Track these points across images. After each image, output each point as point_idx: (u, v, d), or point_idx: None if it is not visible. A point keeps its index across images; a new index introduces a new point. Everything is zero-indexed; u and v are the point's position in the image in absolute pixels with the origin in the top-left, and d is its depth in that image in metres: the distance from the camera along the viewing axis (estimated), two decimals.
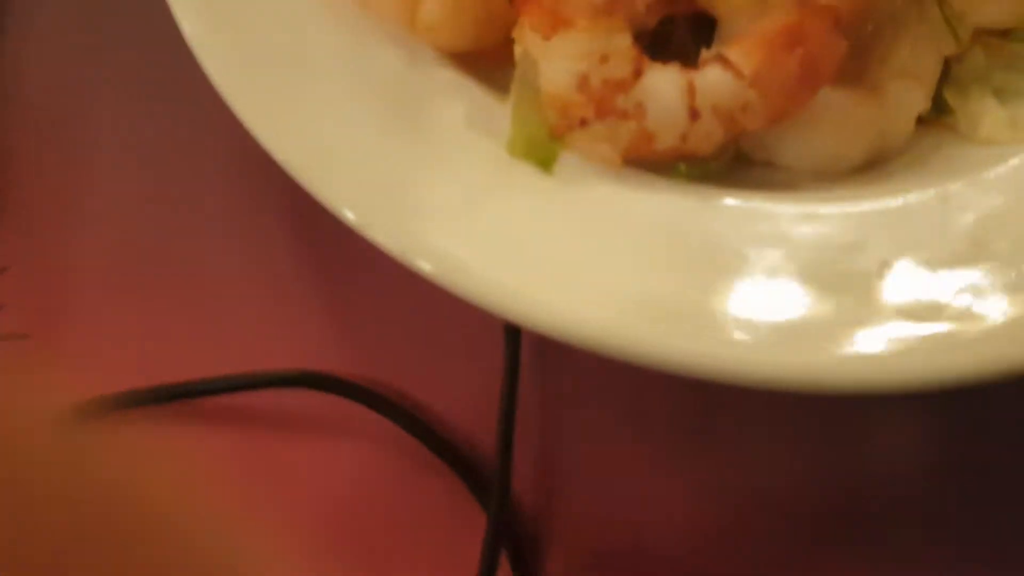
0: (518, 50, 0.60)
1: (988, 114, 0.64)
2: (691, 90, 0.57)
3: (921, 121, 0.65)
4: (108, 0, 0.72)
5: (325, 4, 0.62)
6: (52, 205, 0.66)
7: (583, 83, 0.57)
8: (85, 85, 0.70)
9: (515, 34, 0.60)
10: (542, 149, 0.59)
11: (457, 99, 0.60)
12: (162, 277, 0.64)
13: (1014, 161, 0.59)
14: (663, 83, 0.57)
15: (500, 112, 0.60)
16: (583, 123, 0.58)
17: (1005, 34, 0.67)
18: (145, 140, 0.68)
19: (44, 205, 0.66)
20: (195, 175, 0.66)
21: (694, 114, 0.57)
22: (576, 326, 0.52)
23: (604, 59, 0.57)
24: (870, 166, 0.63)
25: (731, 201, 0.58)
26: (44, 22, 0.71)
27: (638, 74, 0.58)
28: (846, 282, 0.54)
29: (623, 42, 0.57)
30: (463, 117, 0.60)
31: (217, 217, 0.65)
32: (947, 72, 0.66)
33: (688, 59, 0.62)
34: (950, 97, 0.66)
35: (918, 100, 0.64)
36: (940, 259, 0.55)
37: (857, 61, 0.63)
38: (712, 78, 0.57)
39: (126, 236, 0.66)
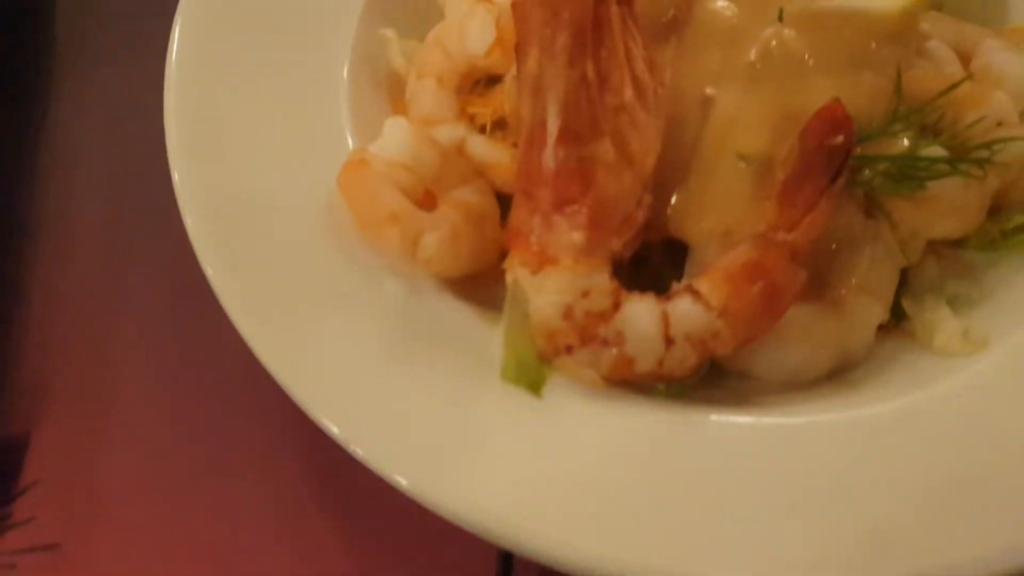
0: (509, 277, 0.66)
1: (942, 325, 0.69)
2: (665, 320, 0.63)
3: (882, 327, 0.71)
4: (133, 241, 0.79)
5: (335, 241, 0.68)
6: (80, 425, 0.73)
7: (568, 314, 0.63)
8: (113, 315, 0.77)
9: (506, 265, 0.66)
10: (532, 372, 0.64)
11: (454, 326, 0.66)
12: (183, 494, 0.69)
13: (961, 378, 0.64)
14: (640, 314, 0.63)
15: (492, 336, 0.66)
16: (569, 349, 0.64)
17: (958, 243, 0.74)
18: (168, 366, 0.74)
19: (73, 425, 0.73)
20: (214, 398, 0.72)
21: (669, 341, 0.63)
22: (562, 552, 0.56)
23: (586, 293, 0.63)
24: (835, 374, 0.69)
25: (705, 418, 0.63)
26: (74, 250, 0.79)
27: (617, 306, 0.63)
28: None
29: (603, 278, 0.64)
30: (459, 344, 0.65)
31: (234, 439, 0.71)
32: (904, 282, 0.72)
33: (663, 279, 0.69)
34: (907, 306, 0.71)
35: (877, 313, 0.69)
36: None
37: (819, 279, 0.69)
38: (684, 309, 0.63)
39: (149, 454, 0.71)
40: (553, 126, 0.63)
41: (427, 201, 0.69)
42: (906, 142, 0.69)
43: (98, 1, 0.94)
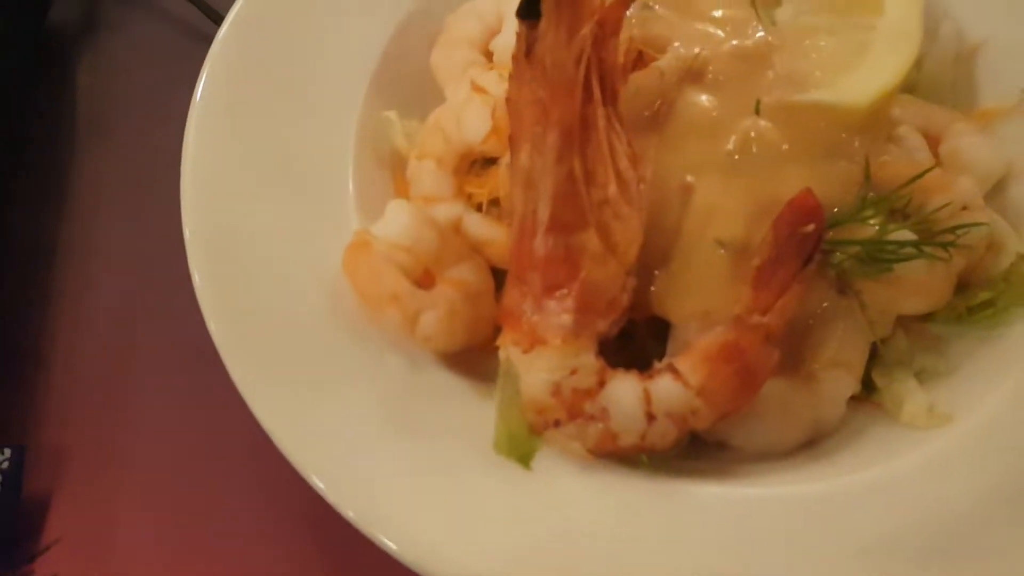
0: (502, 355, 0.71)
1: (910, 397, 0.74)
2: (647, 397, 0.68)
3: (854, 399, 0.75)
4: (148, 313, 0.84)
5: (339, 317, 0.73)
6: (99, 486, 0.77)
7: (556, 391, 0.68)
8: (128, 383, 0.82)
9: (499, 343, 0.71)
10: (522, 445, 0.69)
11: (450, 399, 0.71)
12: (195, 549, 0.74)
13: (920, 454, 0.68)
14: (623, 391, 0.68)
15: (486, 409, 0.70)
16: (557, 424, 0.68)
17: (926, 318, 0.78)
18: (180, 432, 0.80)
19: (92, 486, 0.77)
20: (222, 461, 0.77)
21: (651, 417, 0.68)
22: None
23: (574, 371, 0.68)
24: (809, 444, 0.73)
25: (684, 489, 0.68)
26: (93, 321, 0.84)
27: (602, 383, 0.68)
28: None
29: (589, 357, 0.68)
30: (454, 417, 0.70)
31: (240, 498, 0.76)
32: (875, 355, 0.76)
33: (648, 353, 0.73)
34: (877, 378, 0.76)
35: (848, 386, 0.74)
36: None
37: (794, 355, 0.73)
38: (664, 387, 0.68)
39: (163, 512, 0.76)
40: (543, 216, 0.67)
41: (426, 280, 0.74)
42: (876, 226, 0.74)
43: (117, 79, 0.99)
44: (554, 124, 0.67)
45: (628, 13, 0.75)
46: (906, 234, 0.73)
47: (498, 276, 0.76)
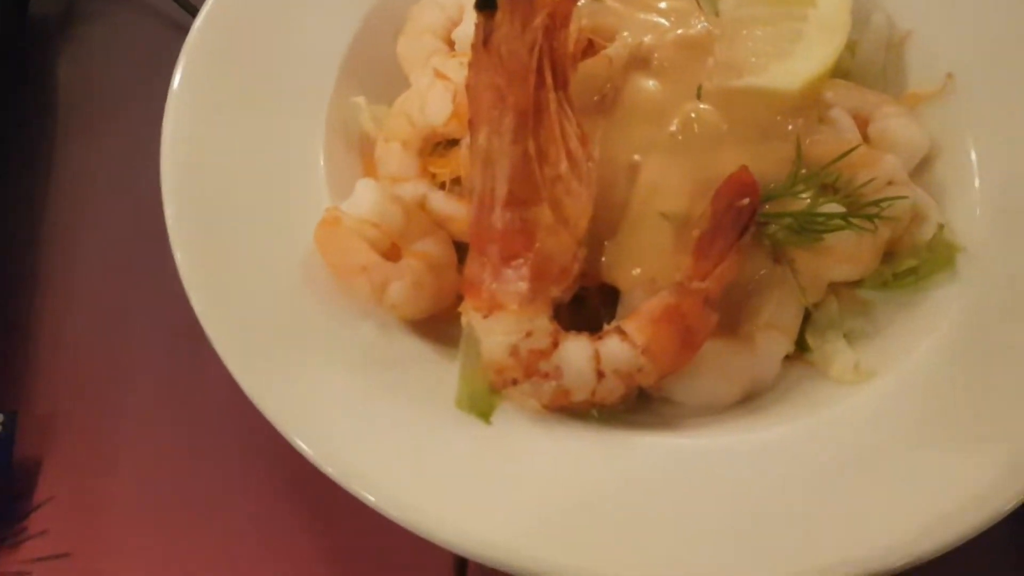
0: (464, 320, 0.77)
1: (838, 356, 0.81)
2: (597, 357, 0.74)
3: (788, 358, 0.82)
4: (135, 287, 0.90)
5: (313, 288, 0.78)
6: (89, 450, 0.83)
7: (514, 352, 0.74)
8: (117, 352, 0.87)
9: (461, 309, 0.76)
10: (483, 402, 0.75)
11: (417, 362, 0.77)
12: (182, 511, 0.80)
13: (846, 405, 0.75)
14: (575, 351, 0.74)
15: (450, 370, 0.76)
16: (514, 382, 0.74)
17: (856, 284, 0.85)
18: (168, 398, 0.85)
19: (83, 449, 0.83)
20: (208, 426, 0.83)
21: (600, 375, 0.74)
22: (507, 555, 0.66)
23: (529, 334, 0.74)
24: (747, 399, 0.80)
25: (631, 440, 0.74)
26: (79, 296, 0.89)
27: (556, 344, 0.74)
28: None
29: (543, 321, 0.74)
30: (421, 378, 0.76)
31: (226, 462, 0.82)
32: (808, 318, 0.83)
33: (599, 318, 0.79)
34: (810, 339, 0.82)
35: (782, 346, 0.80)
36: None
37: (733, 318, 0.80)
38: (612, 347, 0.74)
39: (151, 475, 0.82)
40: (500, 192, 0.73)
41: (393, 253, 0.80)
42: (807, 200, 0.80)
43: (97, 70, 1.04)
44: (510, 108, 0.72)
45: (579, 4, 0.82)
46: (835, 207, 0.80)
47: (460, 249, 0.82)
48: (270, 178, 0.84)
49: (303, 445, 0.70)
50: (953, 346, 0.77)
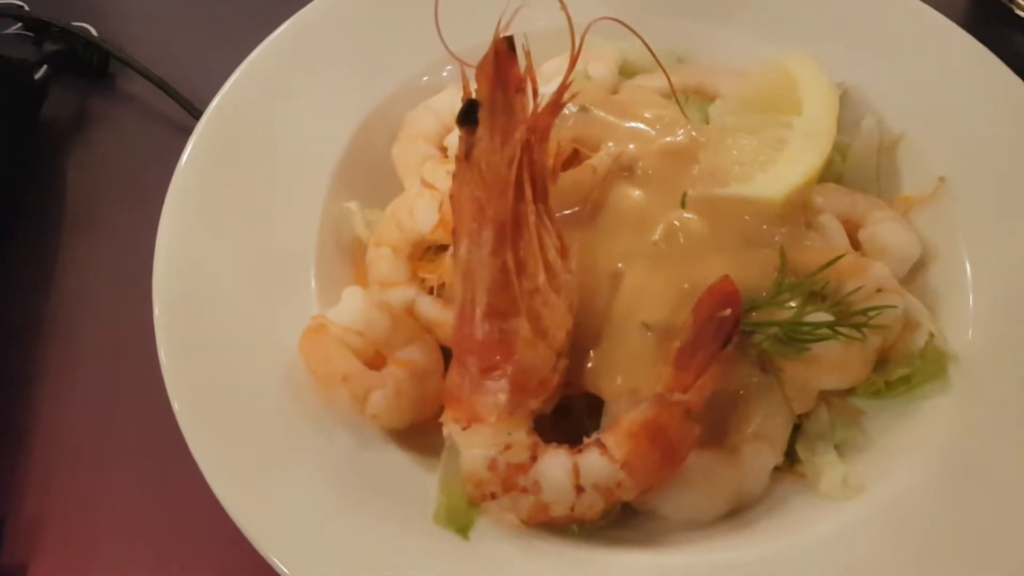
0: (445, 430, 0.76)
1: (828, 470, 0.79)
2: (576, 471, 0.73)
3: (777, 469, 0.80)
4: (125, 392, 0.91)
5: (295, 397, 0.79)
6: (73, 558, 0.83)
7: (492, 465, 0.73)
8: (104, 460, 0.88)
9: (442, 419, 0.76)
10: (461, 516, 0.74)
11: (396, 474, 0.76)
12: None
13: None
14: (554, 465, 0.73)
15: (430, 481, 0.76)
16: (493, 496, 0.73)
17: (848, 392, 0.83)
18: (149, 506, 0.85)
19: (66, 557, 0.83)
20: (186, 536, 0.83)
21: (579, 489, 0.73)
22: None
23: (508, 447, 0.73)
24: (734, 513, 0.78)
25: (611, 559, 0.72)
26: (73, 397, 0.91)
27: (534, 458, 0.73)
28: None
29: (521, 434, 0.74)
30: (399, 491, 0.75)
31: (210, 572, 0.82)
32: (799, 427, 0.82)
33: (584, 426, 0.79)
34: (800, 450, 0.81)
35: (770, 459, 0.79)
36: None
37: (719, 429, 0.79)
38: (592, 461, 0.73)
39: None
40: (480, 304, 0.73)
41: (377, 361, 0.80)
42: (793, 308, 0.79)
43: (103, 172, 1.07)
44: (489, 221, 0.73)
45: (565, 113, 0.83)
46: (821, 315, 0.79)
47: (449, 354, 0.82)
48: (260, 283, 0.85)
49: (279, 563, 0.70)
50: (945, 464, 0.76)
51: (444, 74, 0.97)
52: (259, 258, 0.87)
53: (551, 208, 0.75)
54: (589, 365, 0.79)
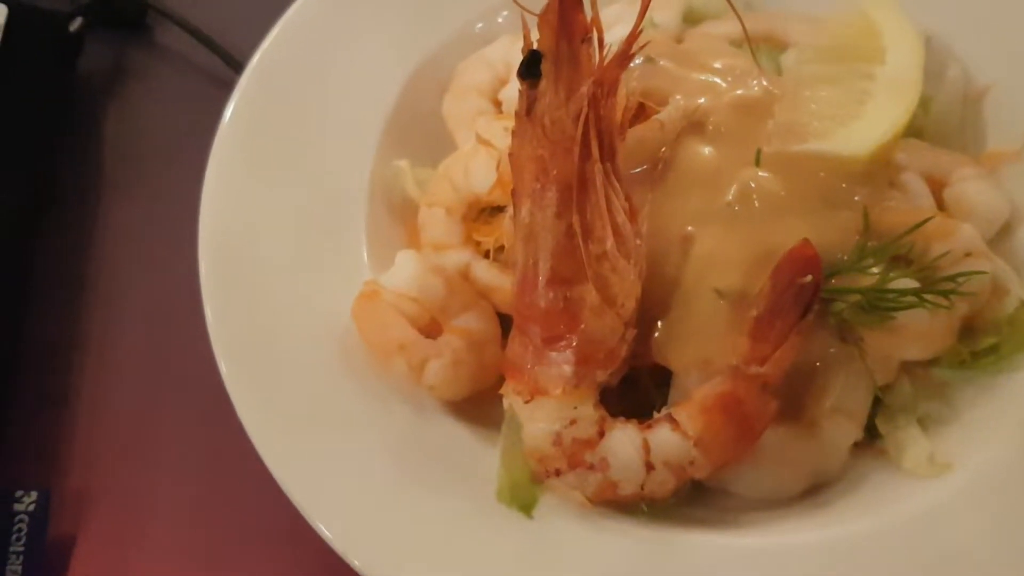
0: (506, 403, 0.72)
1: (911, 446, 0.74)
2: (646, 447, 0.69)
3: (856, 445, 0.75)
4: (171, 360, 0.88)
5: (348, 365, 0.75)
6: (121, 529, 0.81)
7: (557, 441, 0.69)
8: (151, 428, 0.85)
9: (503, 391, 0.72)
10: (525, 494, 0.70)
11: (454, 448, 0.73)
12: None
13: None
14: (622, 441, 0.69)
15: (489, 456, 0.72)
16: (558, 473, 0.70)
17: (931, 363, 0.78)
18: (197, 476, 0.83)
19: (118, 524, 0.81)
20: (235, 506, 0.81)
21: (649, 467, 0.69)
22: None
23: (573, 422, 0.69)
24: (811, 492, 0.74)
25: (682, 538, 0.69)
26: (117, 366, 0.88)
27: (602, 433, 0.69)
28: None
29: (588, 407, 0.70)
30: (458, 465, 0.72)
31: (253, 542, 0.79)
32: (879, 401, 0.77)
33: (651, 400, 0.74)
34: (880, 424, 0.76)
35: (850, 434, 0.74)
36: None
37: (795, 402, 0.74)
38: (663, 437, 0.69)
39: (180, 554, 0.80)
40: (543, 270, 0.69)
41: (432, 328, 0.76)
42: (876, 275, 0.74)
43: (142, 127, 1.03)
44: (553, 181, 0.68)
45: (631, 66, 0.78)
46: (907, 282, 0.74)
47: (505, 322, 0.78)
48: (310, 246, 0.82)
49: (327, 532, 0.67)
50: None
51: (500, 20, 0.92)
52: (307, 218, 0.83)
53: (619, 167, 0.70)
54: (657, 335, 0.74)
